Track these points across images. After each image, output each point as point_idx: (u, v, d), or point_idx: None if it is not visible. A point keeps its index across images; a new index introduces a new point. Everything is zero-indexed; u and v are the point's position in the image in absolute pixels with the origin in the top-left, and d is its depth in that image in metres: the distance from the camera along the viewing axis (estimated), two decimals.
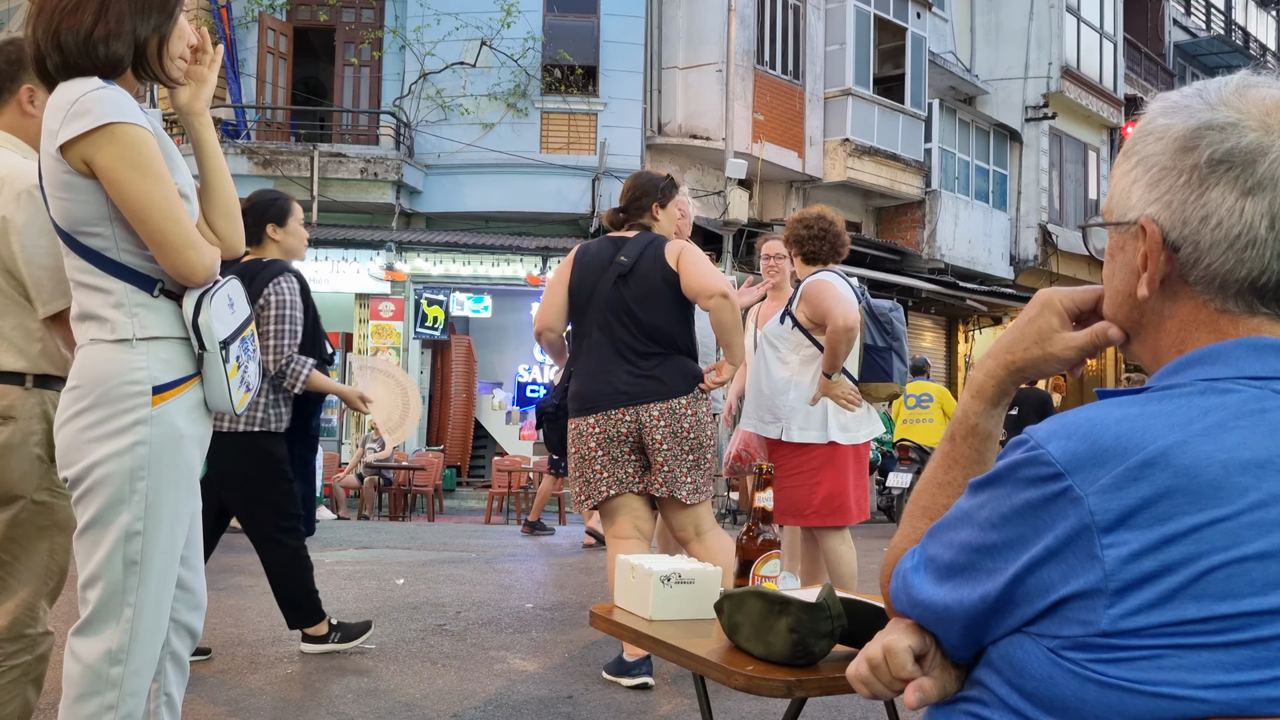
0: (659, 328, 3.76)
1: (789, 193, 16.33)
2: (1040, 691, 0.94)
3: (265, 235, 3.98)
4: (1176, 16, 25.74)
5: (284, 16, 15.08)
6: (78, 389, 1.96)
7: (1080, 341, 1.11)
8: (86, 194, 1.92)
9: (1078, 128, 20.71)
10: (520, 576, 6.60)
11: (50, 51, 1.94)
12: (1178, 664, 0.87)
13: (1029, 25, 19.41)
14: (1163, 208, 0.99)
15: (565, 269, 3.92)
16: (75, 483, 1.97)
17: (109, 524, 1.95)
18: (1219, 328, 1.00)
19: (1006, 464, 0.99)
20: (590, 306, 3.80)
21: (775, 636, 1.68)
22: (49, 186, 1.96)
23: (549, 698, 3.60)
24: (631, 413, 3.70)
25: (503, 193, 14.26)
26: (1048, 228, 19.62)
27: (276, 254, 4.01)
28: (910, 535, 1.17)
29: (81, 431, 1.95)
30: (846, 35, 15.98)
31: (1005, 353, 1.15)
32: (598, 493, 3.78)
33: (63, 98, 1.91)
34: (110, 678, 1.95)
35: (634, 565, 2.17)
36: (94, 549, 1.96)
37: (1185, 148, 0.98)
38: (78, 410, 1.96)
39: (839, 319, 4.04)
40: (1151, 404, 0.94)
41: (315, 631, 4.10)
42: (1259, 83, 1.00)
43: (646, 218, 3.94)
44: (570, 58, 14.29)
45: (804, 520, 4.26)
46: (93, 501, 1.95)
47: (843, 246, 4.48)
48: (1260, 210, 0.95)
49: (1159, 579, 0.87)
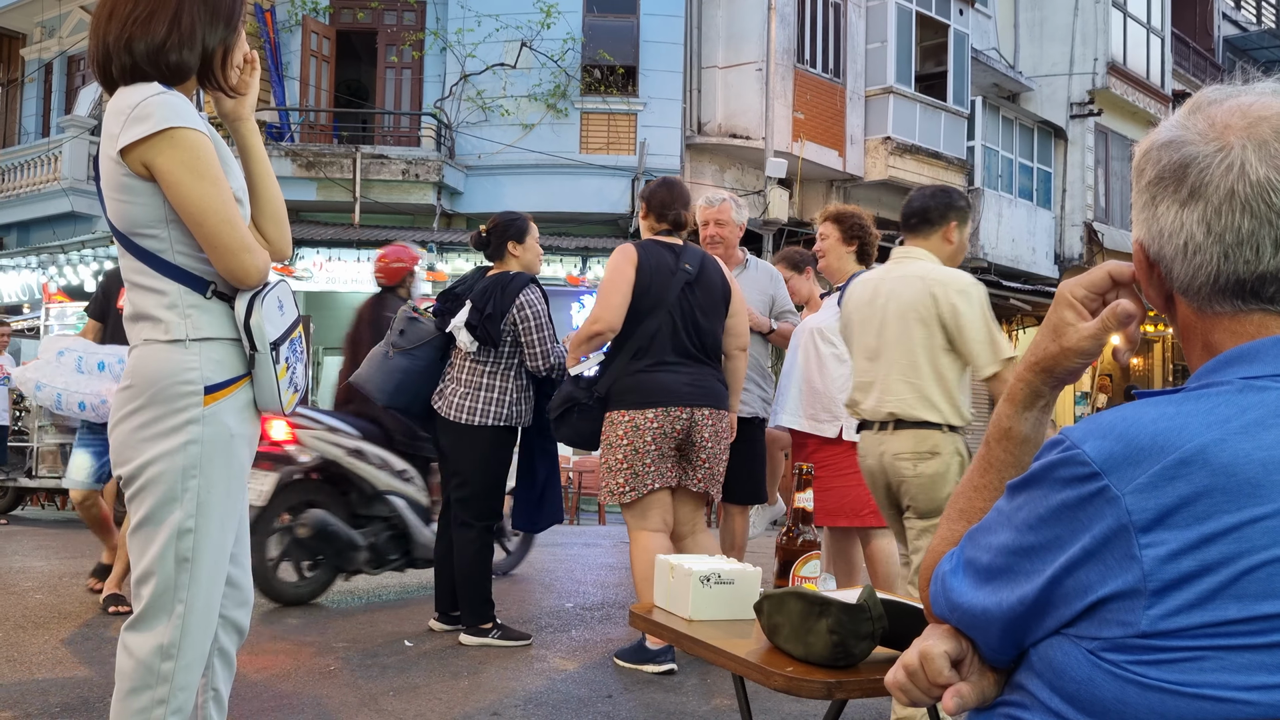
0: (715, 336, 4.04)
1: (829, 192, 16.23)
2: (1081, 694, 0.93)
3: (507, 251, 4.43)
4: (1226, 10, 25.26)
5: (327, 19, 15.24)
6: (131, 388, 2.00)
7: (1094, 329, 1.09)
8: (145, 197, 1.96)
9: (1124, 124, 20.39)
10: (560, 576, 6.62)
11: (119, 55, 1.98)
12: (1220, 665, 0.86)
13: (1074, 21, 19.14)
14: (1140, 227, 1.05)
15: (628, 270, 3.95)
16: (129, 481, 2.00)
17: (161, 521, 1.99)
18: (1215, 331, 1.01)
19: (1042, 465, 0.98)
20: (656, 309, 3.93)
21: (815, 637, 1.68)
22: (108, 189, 1.99)
23: (588, 697, 3.61)
24: (687, 412, 3.88)
25: (542, 193, 14.31)
26: (1093, 226, 19.34)
27: (517, 268, 4.43)
28: (948, 539, 1.16)
29: (135, 430, 1.99)
30: (888, 33, 15.86)
31: (1029, 353, 1.15)
32: (644, 485, 3.86)
33: (124, 102, 1.95)
34: (162, 672, 1.99)
35: (673, 566, 2.17)
36: (147, 546, 2.00)
37: (1139, 169, 1.05)
38: (131, 410, 1.99)
39: None
40: (1188, 402, 0.94)
41: (482, 625, 4.37)
42: (1229, 94, 1.02)
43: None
44: (610, 58, 14.31)
45: (860, 520, 4.19)
46: (146, 499, 1.99)
47: (874, 255, 4.51)
48: (1195, 218, 0.98)
49: (1199, 579, 0.87)
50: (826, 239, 4.43)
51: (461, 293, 4.45)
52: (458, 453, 4.39)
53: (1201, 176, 0.98)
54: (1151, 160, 1.03)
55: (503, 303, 4.28)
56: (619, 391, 3.92)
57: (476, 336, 4.30)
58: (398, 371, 4.42)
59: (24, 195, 16.50)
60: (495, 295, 4.30)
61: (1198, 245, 0.98)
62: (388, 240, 13.80)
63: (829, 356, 4.29)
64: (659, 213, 4.15)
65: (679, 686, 3.76)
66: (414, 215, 14.59)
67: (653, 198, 4.18)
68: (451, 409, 4.34)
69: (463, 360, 4.40)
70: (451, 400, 4.35)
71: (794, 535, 2.09)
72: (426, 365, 4.45)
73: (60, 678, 3.67)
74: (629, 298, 3.93)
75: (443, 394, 4.41)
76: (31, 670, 3.75)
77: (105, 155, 1.97)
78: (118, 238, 2.02)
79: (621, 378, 3.93)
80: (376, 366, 4.47)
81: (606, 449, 3.95)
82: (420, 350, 4.43)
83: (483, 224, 4.60)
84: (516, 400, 4.39)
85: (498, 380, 4.36)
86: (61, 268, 14.96)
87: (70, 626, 4.48)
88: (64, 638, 4.27)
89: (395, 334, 4.48)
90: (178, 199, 1.94)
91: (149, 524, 2.00)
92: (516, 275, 4.38)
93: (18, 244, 17.16)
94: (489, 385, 4.34)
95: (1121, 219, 20.39)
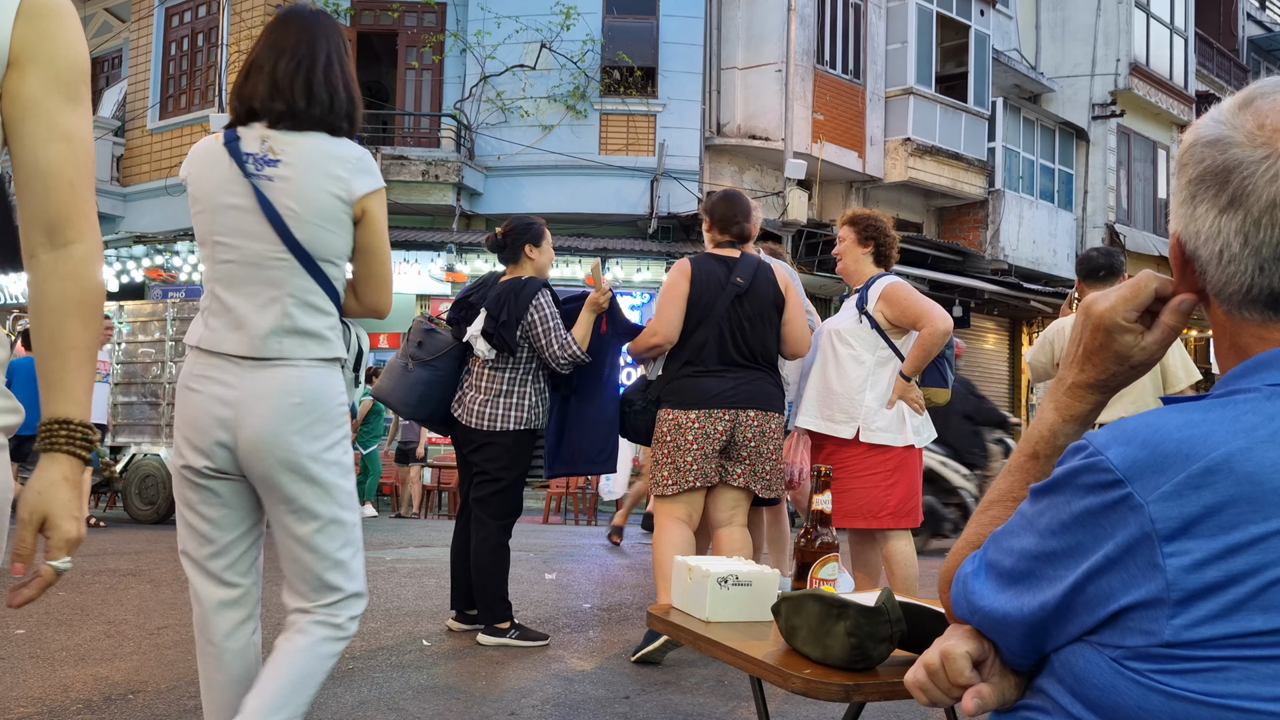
0: (765, 343, 4.25)
1: (849, 193, 16.19)
2: (1103, 701, 0.92)
3: (523, 254, 4.49)
4: (1250, 10, 25.05)
5: (348, 21, 15.31)
6: (302, 405, 2.20)
7: (1161, 338, 1.09)
8: (347, 233, 2.28)
9: (1147, 125, 20.25)
10: (578, 576, 6.63)
11: (340, 106, 2.28)
12: (1244, 676, 0.85)
13: (1096, 21, 19.03)
14: (1178, 221, 1.02)
15: (681, 284, 4.21)
16: (306, 490, 2.21)
17: (347, 523, 2.27)
18: (1242, 335, 0.99)
19: (1065, 470, 0.97)
20: (706, 321, 4.17)
21: (833, 640, 1.67)
22: (316, 217, 2.22)
23: (606, 698, 3.61)
24: (730, 414, 4.12)
25: (561, 194, 14.34)
26: (1115, 228, 19.20)
27: (530, 271, 4.50)
28: (974, 542, 1.16)
29: (309, 443, 2.20)
30: (908, 33, 15.80)
31: (1085, 373, 1.12)
32: (685, 481, 4.09)
33: (344, 151, 2.26)
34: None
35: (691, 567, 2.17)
36: (346, 542, 2.27)
37: (1181, 163, 1.02)
38: (304, 425, 2.19)
39: (939, 322, 4.15)
40: (1215, 410, 0.92)
41: (499, 625, 4.40)
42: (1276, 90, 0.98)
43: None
44: (629, 59, 14.32)
45: (877, 522, 4.21)
46: (338, 511, 2.25)
47: (895, 256, 4.58)
48: (1234, 227, 0.96)
49: (1223, 589, 0.85)
50: (844, 241, 4.51)
51: (475, 300, 4.47)
52: (480, 459, 4.40)
53: (1244, 185, 0.95)
54: (1194, 158, 1.00)
55: (517, 309, 4.32)
56: (667, 393, 4.22)
57: (493, 344, 4.33)
58: (419, 384, 4.41)
59: None
60: (509, 302, 4.33)
61: (1233, 255, 0.96)
62: (408, 241, 13.91)
63: (846, 358, 4.29)
64: (721, 226, 4.34)
65: (697, 688, 3.76)
66: (433, 216, 14.65)
67: (714, 211, 4.37)
68: (473, 417, 4.36)
69: (481, 367, 4.41)
70: (472, 408, 4.37)
71: (812, 537, 2.08)
72: (446, 375, 4.46)
73: (81, 674, 3.70)
74: (683, 310, 4.18)
75: (462, 402, 4.42)
76: (53, 666, 3.79)
77: (322, 188, 2.22)
78: (301, 258, 2.21)
79: (670, 381, 4.22)
80: (397, 380, 4.45)
81: (655, 444, 4.23)
82: (440, 361, 4.44)
83: (498, 226, 4.61)
84: (535, 404, 4.41)
85: (516, 386, 4.38)
86: None
87: (92, 624, 4.52)
88: (86, 634, 4.31)
89: (413, 346, 4.46)
90: (373, 242, 2.32)
91: (352, 526, 2.29)
92: (529, 281, 4.42)
93: None
94: (508, 391, 4.36)
95: (1143, 221, 20.25)
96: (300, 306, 2.22)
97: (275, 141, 2.23)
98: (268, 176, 2.20)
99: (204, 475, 2.22)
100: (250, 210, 2.20)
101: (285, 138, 2.23)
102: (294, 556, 2.24)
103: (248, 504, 2.28)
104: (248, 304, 2.21)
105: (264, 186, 2.20)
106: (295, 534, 2.22)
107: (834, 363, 4.33)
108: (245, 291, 2.21)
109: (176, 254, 14.37)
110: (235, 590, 2.29)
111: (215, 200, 2.23)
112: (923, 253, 15.43)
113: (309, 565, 2.23)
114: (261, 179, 2.20)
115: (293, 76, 2.24)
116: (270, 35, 2.31)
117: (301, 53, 2.26)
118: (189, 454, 2.22)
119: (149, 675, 3.71)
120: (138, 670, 3.78)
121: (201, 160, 2.28)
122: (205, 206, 2.25)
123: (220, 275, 2.24)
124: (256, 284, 2.21)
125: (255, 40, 2.37)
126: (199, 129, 15.09)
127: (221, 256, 2.23)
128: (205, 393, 2.20)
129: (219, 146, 2.25)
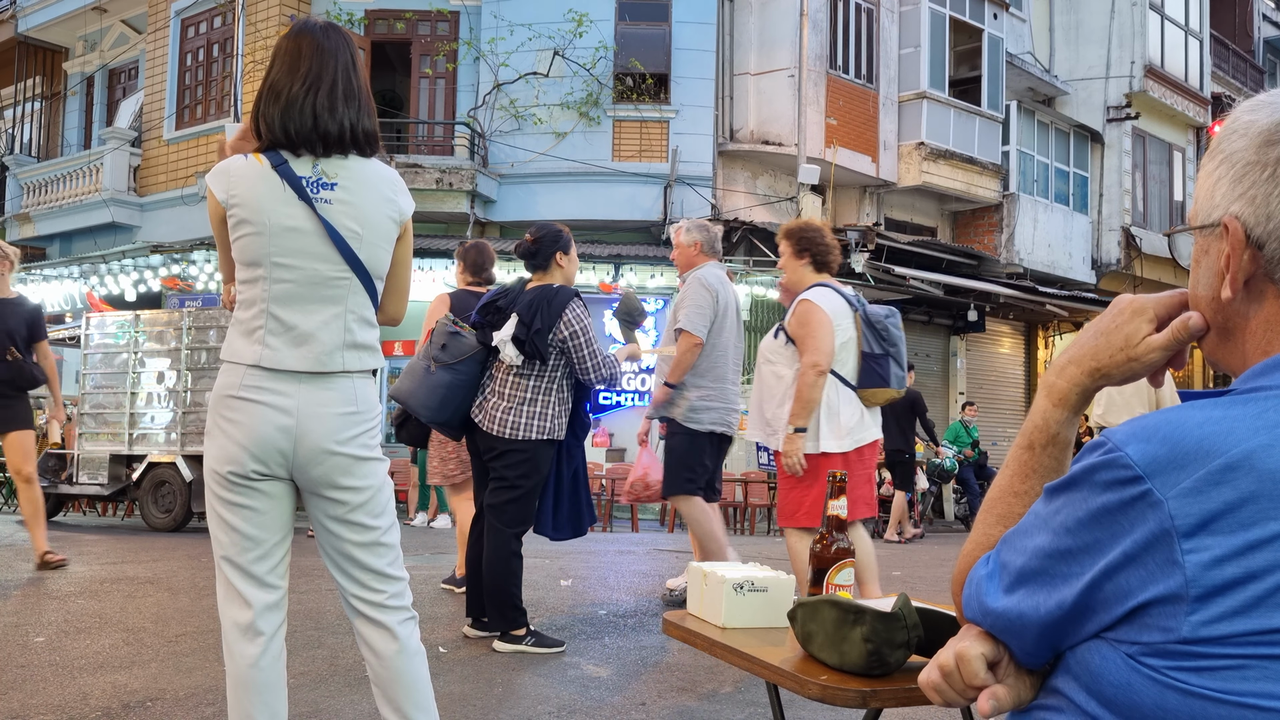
0: None
1: (862, 197, 16.17)
2: (1119, 698, 0.92)
3: (553, 262, 4.53)
4: (1266, 11, 24.91)
5: (362, 30, 15.39)
6: (357, 414, 2.35)
7: (1163, 341, 1.07)
8: (390, 250, 2.43)
9: (1162, 128, 20.16)
10: (593, 583, 6.62)
11: (372, 131, 2.39)
12: (1263, 674, 0.84)
13: (1110, 23, 18.96)
14: (1246, 204, 0.97)
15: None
16: (360, 491, 2.35)
17: (392, 523, 2.43)
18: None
19: (1083, 467, 0.96)
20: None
21: (850, 646, 1.66)
22: (380, 239, 2.38)
23: (621, 705, 3.61)
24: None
25: (575, 201, 14.37)
26: (1131, 230, 19.11)
27: (560, 279, 4.53)
28: (983, 543, 1.15)
29: (363, 448, 2.35)
30: (921, 37, 15.78)
31: (1090, 359, 1.11)
32: None
33: (386, 172, 2.42)
34: None
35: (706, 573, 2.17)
36: (395, 540, 2.44)
37: (1270, 141, 0.96)
38: (359, 432, 2.35)
39: (809, 357, 4.42)
40: (1235, 406, 0.91)
41: (515, 631, 4.42)
42: None
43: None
44: (642, 66, 14.34)
45: (794, 521, 4.54)
46: (386, 506, 2.41)
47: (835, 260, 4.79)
48: None
49: (1243, 586, 0.85)
50: (782, 256, 4.81)
51: (504, 306, 4.43)
52: (500, 465, 4.38)
53: None
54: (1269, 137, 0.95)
55: (549, 317, 4.30)
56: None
57: (524, 351, 4.30)
58: (441, 387, 4.36)
59: (66, 206, 16.79)
60: (542, 309, 4.30)
61: None
62: (423, 249, 13.95)
63: (768, 374, 4.67)
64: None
65: (713, 695, 3.75)
66: (448, 224, 14.69)
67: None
68: (495, 423, 4.33)
69: (505, 373, 4.38)
70: (494, 415, 4.35)
71: (828, 543, 2.07)
72: (469, 379, 4.42)
73: (100, 682, 3.71)
74: None
75: (483, 407, 4.40)
76: (72, 674, 3.81)
77: (379, 212, 2.37)
78: (362, 277, 2.35)
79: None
80: (419, 382, 4.39)
81: None
82: (463, 365, 4.39)
83: (528, 233, 4.59)
84: (558, 414, 4.40)
85: (540, 394, 4.36)
86: (103, 277, 15.20)
87: (111, 631, 4.54)
88: (105, 642, 4.33)
89: (436, 348, 4.40)
90: (406, 255, 2.49)
91: (392, 524, 2.44)
92: (560, 289, 4.40)
93: (60, 254, 17.46)
94: (532, 399, 4.34)
95: (1159, 223, 20.14)
96: (358, 322, 2.37)
97: (326, 165, 2.33)
98: (325, 200, 2.31)
99: (253, 479, 2.31)
100: (311, 233, 2.29)
101: (334, 162, 2.34)
102: (346, 554, 2.38)
103: (288, 507, 2.41)
104: (310, 321, 2.31)
105: (324, 210, 2.30)
106: (349, 535, 2.37)
107: (763, 379, 4.70)
108: (305, 310, 2.30)
109: (193, 263, 14.46)
110: (277, 593, 2.38)
111: (272, 222, 2.28)
112: (937, 257, 15.39)
113: (367, 560, 2.38)
114: (320, 202, 2.30)
115: (328, 107, 2.32)
116: (288, 56, 2.34)
117: (324, 78, 2.33)
118: (244, 459, 2.29)
119: (167, 683, 3.72)
120: (156, 678, 3.79)
121: (249, 183, 2.29)
122: (261, 229, 2.28)
123: (277, 295, 2.30)
124: (316, 302, 2.32)
125: (271, 55, 2.39)
126: (215, 139, 15.17)
127: (280, 277, 2.30)
128: (264, 403, 2.29)
129: (267, 170, 2.29)
